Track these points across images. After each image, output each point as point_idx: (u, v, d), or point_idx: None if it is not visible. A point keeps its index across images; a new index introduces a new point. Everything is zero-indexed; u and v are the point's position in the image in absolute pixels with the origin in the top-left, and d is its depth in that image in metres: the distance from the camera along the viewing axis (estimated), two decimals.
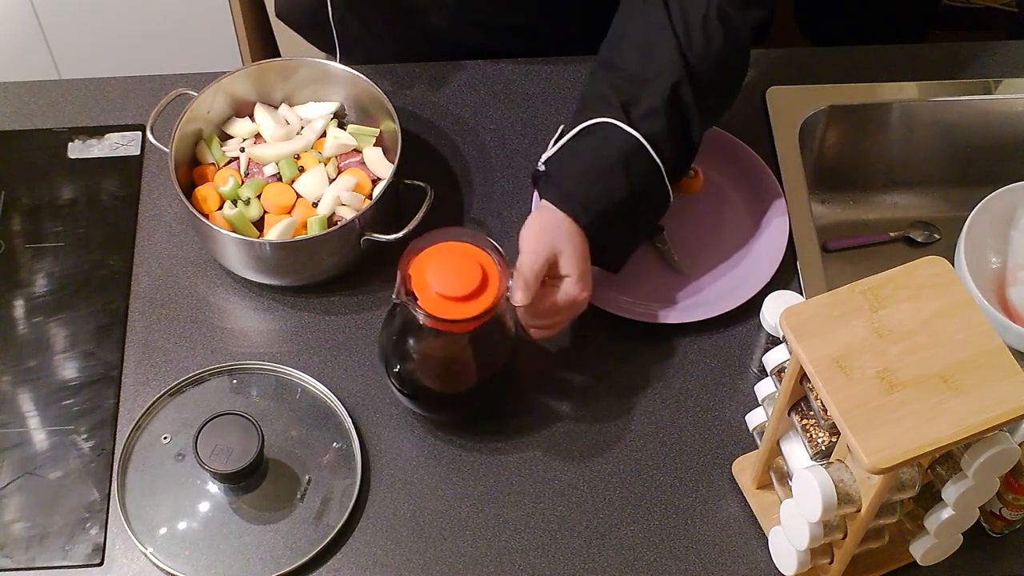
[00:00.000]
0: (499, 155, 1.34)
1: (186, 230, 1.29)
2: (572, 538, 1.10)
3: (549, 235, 1.08)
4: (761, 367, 1.12)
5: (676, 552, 1.10)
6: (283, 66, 1.30)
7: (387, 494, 1.12)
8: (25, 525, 1.10)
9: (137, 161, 1.33)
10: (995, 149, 1.43)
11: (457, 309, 1.03)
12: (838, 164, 1.44)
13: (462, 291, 1.02)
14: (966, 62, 1.43)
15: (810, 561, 1.02)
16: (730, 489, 1.13)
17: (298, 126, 1.29)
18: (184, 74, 1.36)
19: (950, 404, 0.88)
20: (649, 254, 1.27)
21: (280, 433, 1.14)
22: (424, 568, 1.09)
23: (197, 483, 1.11)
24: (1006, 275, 1.34)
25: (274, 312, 1.24)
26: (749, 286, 1.23)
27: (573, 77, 1.39)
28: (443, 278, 1.03)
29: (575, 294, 1.08)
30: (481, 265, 1.04)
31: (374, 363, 1.20)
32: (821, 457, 0.99)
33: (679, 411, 1.17)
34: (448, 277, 1.03)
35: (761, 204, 1.30)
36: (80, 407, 1.17)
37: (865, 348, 0.91)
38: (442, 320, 1.03)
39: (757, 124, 1.36)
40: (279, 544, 1.09)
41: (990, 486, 0.96)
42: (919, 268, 0.95)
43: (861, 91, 1.39)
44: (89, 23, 1.96)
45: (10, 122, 1.36)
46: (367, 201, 1.22)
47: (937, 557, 1.04)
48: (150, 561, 1.08)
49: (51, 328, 1.22)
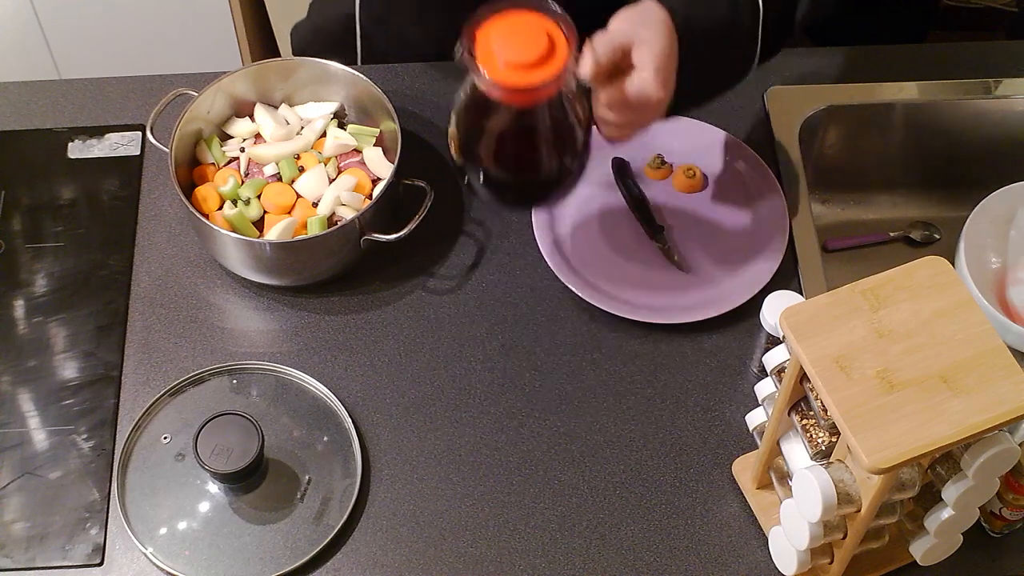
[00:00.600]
0: None
1: (186, 230, 1.29)
2: (572, 538, 1.10)
3: (638, 18, 1.01)
4: (761, 367, 1.12)
5: (676, 552, 1.10)
6: (283, 66, 1.30)
7: (387, 494, 1.12)
8: (25, 525, 1.10)
9: (137, 161, 1.33)
10: (995, 149, 1.43)
11: (521, 77, 0.94)
12: (838, 164, 1.44)
13: (528, 58, 0.93)
14: (966, 62, 1.43)
15: (810, 561, 1.02)
16: (730, 489, 1.13)
17: (298, 126, 1.29)
18: (184, 74, 1.36)
19: (950, 404, 0.88)
20: (649, 254, 1.27)
21: (280, 433, 1.14)
22: (424, 568, 1.09)
23: (197, 483, 1.11)
24: (1006, 275, 1.34)
25: (274, 312, 1.24)
26: (749, 286, 1.23)
27: None
28: (508, 44, 0.93)
29: (649, 90, 0.99)
30: (548, 33, 0.94)
31: (374, 363, 1.20)
32: (821, 457, 0.99)
33: (679, 411, 1.17)
34: (513, 43, 0.93)
35: (761, 204, 1.30)
36: (80, 407, 1.17)
37: (865, 348, 0.91)
38: (508, 90, 0.95)
39: (757, 124, 1.37)
40: (279, 544, 1.09)
41: (990, 486, 0.96)
42: (919, 268, 0.95)
43: (861, 91, 1.39)
44: (89, 23, 1.96)
45: (10, 122, 1.37)
46: (367, 201, 1.22)
47: (937, 557, 1.04)
48: (150, 561, 1.08)
49: (51, 328, 1.22)
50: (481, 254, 1.27)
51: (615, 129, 1.04)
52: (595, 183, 1.31)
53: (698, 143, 1.34)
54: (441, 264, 1.27)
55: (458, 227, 1.29)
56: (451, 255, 1.27)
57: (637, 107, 1.01)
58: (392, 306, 1.24)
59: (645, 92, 0.99)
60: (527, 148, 1.03)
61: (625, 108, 1.01)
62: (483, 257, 1.27)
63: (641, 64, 1.00)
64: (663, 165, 1.32)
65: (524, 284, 1.25)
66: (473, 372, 1.19)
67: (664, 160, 1.32)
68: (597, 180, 1.32)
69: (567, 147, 1.04)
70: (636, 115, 1.03)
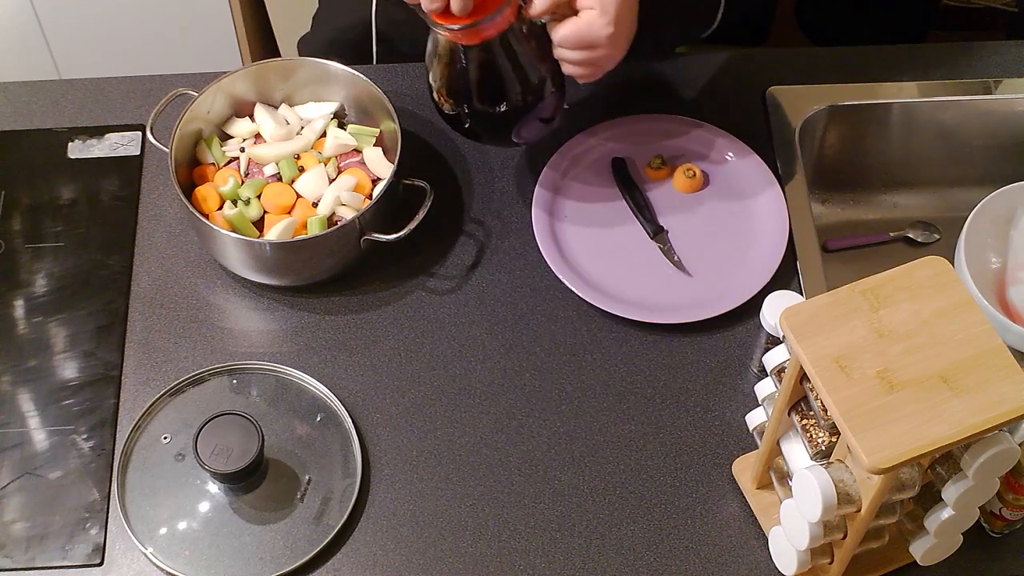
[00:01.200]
0: (499, 155, 1.34)
1: (186, 230, 1.29)
2: (572, 538, 1.10)
3: None
4: (761, 367, 1.12)
5: (676, 552, 1.10)
6: (283, 66, 1.30)
7: (387, 494, 1.12)
8: (25, 525, 1.10)
9: (137, 161, 1.33)
10: (995, 149, 1.43)
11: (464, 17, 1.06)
12: (838, 164, 1.44)
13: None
14: (966, 62, 1.43)
15: (810, 561, 1.02)
16: (730, 489, 1.13)
17: (298, 126, 1.29)
18: (184, 74, 1.36)
19: (950, 404, 0.88)
20: (649, 254, 1.27)
21: (280, 433, 1.14)
22: (424, 568, 1.09)
23: (197, 483, 1.11)
24: (1006, 275, 1.34)
25: (274, 312, 1.24)
26: (749, 286, 1.23)
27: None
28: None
29: (596, 25, 1.07)
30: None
31: (374, 363, 1.20)
32: (821, 457, 0.99)
33: (679, 411, 1.17)
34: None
35: (761, 204, 1.30)
36: (80, 407, 1.17)
37: (865, 348, 0.91)
38: (456, 31, 1.06)
39: (757, 124, 1.36)
40: (279, 544, 1.09)
41: (990, 486, 0.96)
42: (919, 268, 0.95)
43: (861, 91, 1.39)
44: (89, 23, 1.96)
45: (10, 122, 1.37)
46: (367, 201, 1.22)
47: (937, 557, 1.04)
48: (150, 561, 1.08)
49: (51, 328, 1.22)
50: (481, 254, 1.27)
51: (575, 67, 1.11)
52: (595, 183, 1.32)
53: (698, 143, 1.34)
54: (441, 264, 1.27)
55: (458, 227, 1.29)
56: (451, 255, 1.27)
57: (588, 43, 1.07)
58: (392, 306, 1.24)
59: (592, 28, 1.07)
60: (492, 81, 1.14)
61: (577, 45, 1.08)
62: (483, 257, 1.27)
63: (587, 2, 1.07)
64: (663, 165, 1.32)
65: (524, 284, 1.25)
66: (473, 372, 1.19)
67: (664, 160, 1.32)
68: (597, 180, 1.32)
69: (529, 77, 1.14)
70: (591, 53, 1.09)
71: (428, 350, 1.21)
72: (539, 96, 1.16)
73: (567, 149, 1.32)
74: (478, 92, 1.15)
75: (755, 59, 1.43)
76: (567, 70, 1.13)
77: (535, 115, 1.18)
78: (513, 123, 1.18)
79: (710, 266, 1.26)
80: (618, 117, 1.35)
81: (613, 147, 1.34)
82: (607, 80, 1.14)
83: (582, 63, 1.11)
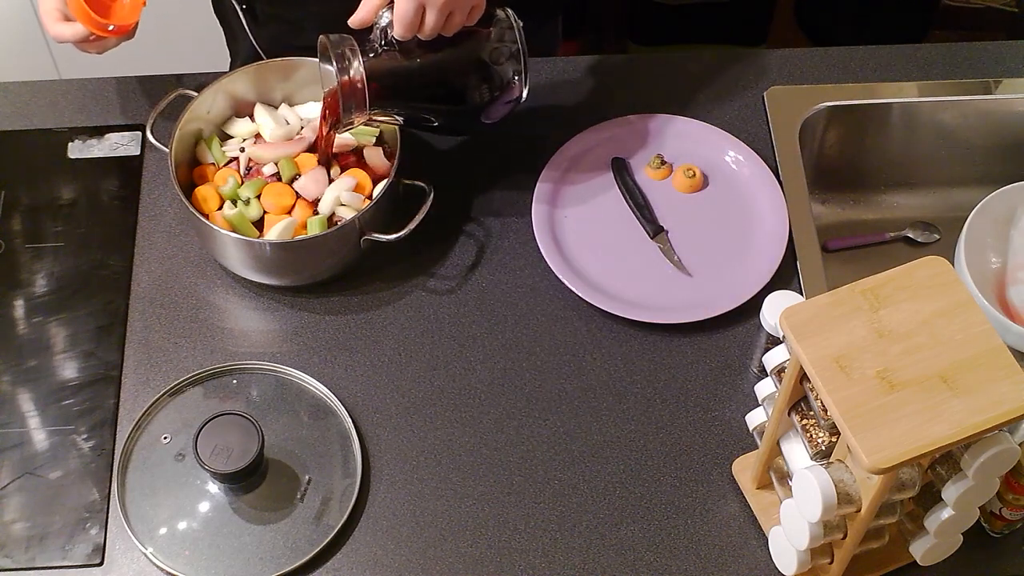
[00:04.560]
0: (499, 155, 1.34)
1: (186, 230, 1.29)
2: (572, 538, 1.10)
3: None
4: (761, 367, 1.12)
5: (676, 552, 1.10)
6: (283, 66, 1.30)
7: (387, 494, 1.12)
8: (25, 525, 1.10)
9: (137, 161, 1.33)
10: (995, 149, 1.43)
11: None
12: (838, 164, 1.44)
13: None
14: (966, 62, 1.43)
15: (810, 561, 1.02)
16: (730, 489, 1.13)
17: (298, 126, 1.29)
18: (184, 74, 1.36)
19: (950, 404, 0.88)
20: (649, 254, 1.27)
21: (280, 433, 1.14)
22: (424, 568, 1.09)
23: (197, 483, 1.11)
24: (1006, 275, 1.34)
25: (274, 312, 1.24)
26: (749, 286, 1.23)
27: (571, 76, 1.39)
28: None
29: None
30: None
31: (374, 363, 1.20)
32: (821, 457, 0.99)
33: (679, 411, 1.17)
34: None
35: (761, 204, 1.30)
36: (80, 407, 1.17)
37: (865, 348, 0.91)
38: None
39: (757, 124, 1.37)
40: (279, 544, 1.09)
41: (990, 486, 0.96)
42: (919, 268, 0.95)
43: (861, 91, 1.39)
44: None
45: (10, 122, 1.37)
46: (367, 201, 1.22)
47: (937, 557, 1.04)
48: (150, 561, 1.08)
49: (51, 328, 1.22)
50: (481, 254, 1.27)
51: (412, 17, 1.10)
52: (595, 183, 1.32)
53: (698, 143, 1.34)
54: (441, 264, 1.27)
55: (458, 227, 1.29)
56: (451, 255, 1.27)
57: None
58: (392, 306, 1.24)
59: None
60: (434, 94, 1.20)
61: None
62: (483, 257, 1.27)
63: None
64: (663, 165, 1.32)
65: (524, 284, 1.25)
66: (473, 372, 1.19)
67: (664, 160, 1.32)
68: (597, 180, 1.32)
69: (462, 77, 1.18)
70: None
71: (428, 350, 1.21)
72: (492, 88, 1.19)
73: (567, 149, 1.32)
74: (430, 101, 1.20)
75: (755, 59, 1.43)
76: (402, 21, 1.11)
77: (501, 101, 1.20)
78: (474, 116, 1.20)
79: (710, 266, 1.26)
80: (618, 117, 1.35)
81: (613, 147, 1.34)
82: (607, 80, 1.14)
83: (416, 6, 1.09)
